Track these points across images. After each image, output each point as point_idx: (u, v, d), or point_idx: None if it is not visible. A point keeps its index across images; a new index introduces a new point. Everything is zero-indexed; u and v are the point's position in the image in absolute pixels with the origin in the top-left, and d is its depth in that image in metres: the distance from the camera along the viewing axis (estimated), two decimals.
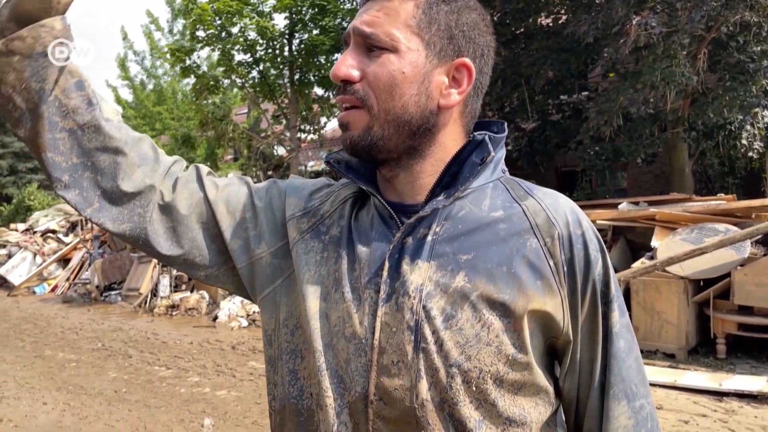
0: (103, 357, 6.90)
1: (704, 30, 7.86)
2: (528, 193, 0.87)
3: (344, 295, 0.84)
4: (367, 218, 0.88)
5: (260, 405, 4.94)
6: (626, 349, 0.85)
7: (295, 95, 10.92)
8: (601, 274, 0.84)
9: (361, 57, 0.83)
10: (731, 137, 9.43)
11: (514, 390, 0.81)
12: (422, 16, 0.82)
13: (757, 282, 5.19)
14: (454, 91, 0.85)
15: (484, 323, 0.79)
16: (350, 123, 0.84)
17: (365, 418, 0.80)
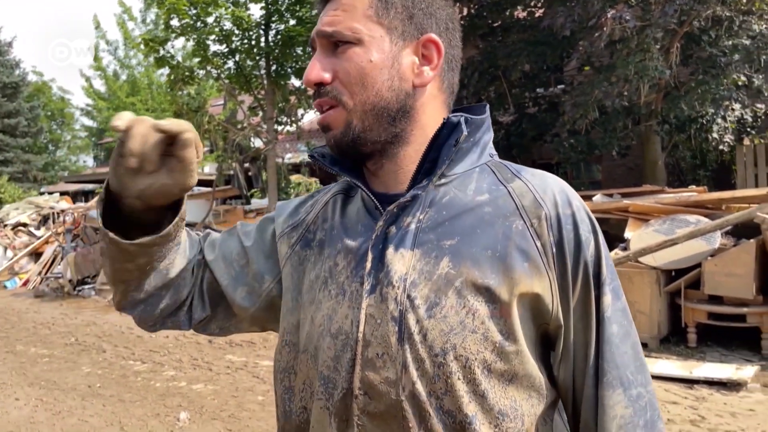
0: (76, 352, 6.80)
1: (677, 24, 7.97)
2: (515, 175, 0.85)
3: (330, 292, 0.83)
4: (354, 212, 0.88)
5: (237, 398, 4.92)
6: (621, 334, 0.82)
7: (271, 87, 10.82)
8: (593, 255, 0.81)
9: (329, 58, 0.84)
10: (703, 130, 9.59)
11: (505, 381, 0.78)
12: (377, 3, 0.83)
13: (727, 272, 5.30)
14: (427, 68, 0.85)
15: (468, 309, 0.77)
16: (330, 123, 0.84)
17: (350, 414, 0.79)
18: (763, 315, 5.25)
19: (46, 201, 17.05)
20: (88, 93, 25.65)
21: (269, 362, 6.04)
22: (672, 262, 5.63)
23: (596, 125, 9.27)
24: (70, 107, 31.78)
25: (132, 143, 0.73)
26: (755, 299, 5.23)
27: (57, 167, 32.23)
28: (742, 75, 8.76)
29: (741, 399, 4.38)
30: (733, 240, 5.79)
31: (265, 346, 6.72)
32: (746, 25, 8.54)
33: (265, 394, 5.01)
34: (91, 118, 29.87)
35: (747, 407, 4.21)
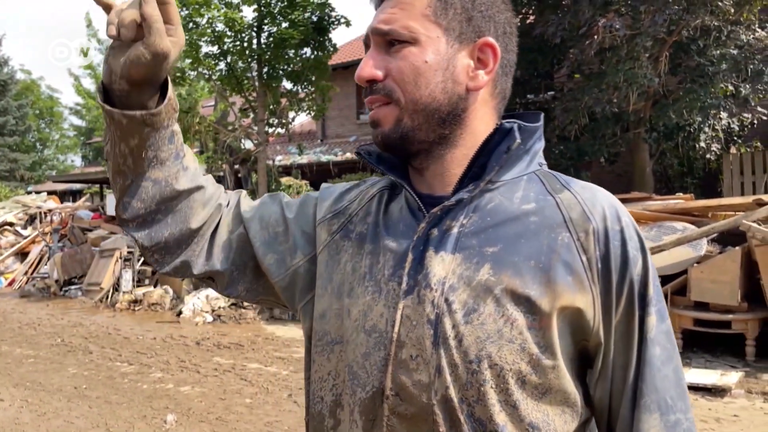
0: (62, 353, 6.74)
1: (666, 33, 8.06)
2: (564, 186, 0.83)
3: (367, 288, 0.83)
4: (397, 210, 0.87)
5: (224, 401, 4.91)
6: (663, 357, 0.78)
7: (263, 89, 10.81)
8: (640, 274, 0.78)
9: (382, 56, 0.83)
10: (690, 138, 9.69)
11: (539, 394, 0.76)
12: (436, 3, 0.82)
13: (713, 279, 5.36)
14: (481, 72, 0.84)
15: (507, 318, 0.75)
16: (380, 119, 0.83)
17: (380, 414, 0.78)
18: (747, 322, 5.31)
19: (33, 200, 16.90)
20: (78, 91, 25.46)
21: (257, 365, 6.02)
22: (659, 268, 5.68)
23: (586, 132, 9.34)
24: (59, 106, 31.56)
25: (109, 14, 0.78)
26: (740, 306, 5.29)
27: (44, 166, 31.97)
28: (730, 84, 8.86)
29: (725, 405, 4.42)
30: (719, 247, 5.86)
31: (253, 349, 6.71)
32: (734, 35, 8.65)
33: (252, 396, 5.00)
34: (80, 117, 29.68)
35: (731, 413, 4.26)
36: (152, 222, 0.92)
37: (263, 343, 7.00)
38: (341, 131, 18.66)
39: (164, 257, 0.94)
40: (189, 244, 0.94)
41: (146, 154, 0.87)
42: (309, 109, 11.43)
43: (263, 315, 8.57)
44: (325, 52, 10.77)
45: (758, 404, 4.41)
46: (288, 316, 8.47)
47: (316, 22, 10.39)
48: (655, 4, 7.55)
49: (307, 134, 19.88)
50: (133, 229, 0.92)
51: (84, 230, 12.84)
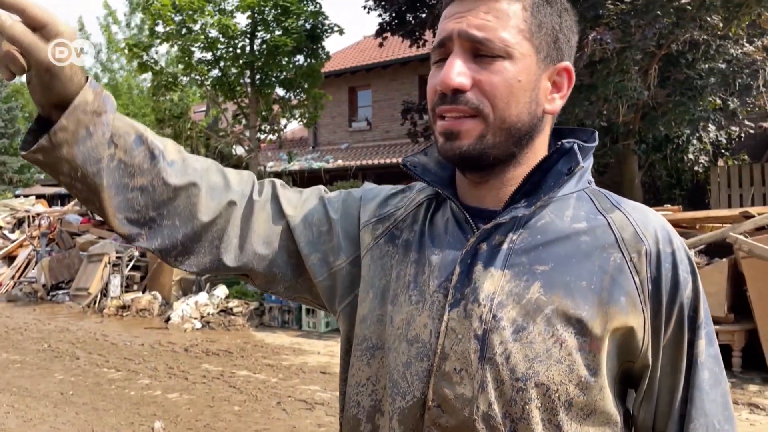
0: (49, 358, 6.68)
1: (656, 47, 8.16)
2: (615, 206, 0.82)
3: (411, 297, 0.81)
4: (443, 222, 0.86)
5: (213, 408, 4.88)
6: (712, 381, 0.78)
7: (255, 95, 10.82)
8: (690, 297, 0.78)
9: (468, 63, 0.78)
10: (679, 150, 9.80)
11: (583, 416, 0.76)
12: (531, 19, 0.79)
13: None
14: (557, 96, 0.83)
15: (557, 339, 0.74)
16: (462, 132, 0.78)
17: (421, 425, 0.78)
18: (734, 333, 5.36)
19: (21, 204, 16.77)
20: None
21: (246, 372, 6.00)
22: None
23: None
24: None
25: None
26: (727, 317, 5.34)
27: (33, 170, 31.72)
28: (718, 98, 8.97)
29: None
30: (707, 259, 5.92)
31: (242, 356, 6.68)
32: (722, 49, 8.76)
33: (241, 404, 4.98)
34: None
35: None
36: (160, 228, 0.85)
37: (252, 350, 6.98)
38: (333, 138, 18.68)
39: (188, 258, 0.88)
40: (209, 240, 0.88)
41: (86, 170, 0.78)
42: (301, 116, 11.44)
43: (252, 322, 8.54)
44: (318, 60, 10.81)
45: (744, 415, 4.45)
46: (277, 323, 8.45)
47: (310, 29, 10.43)
48: (645, 18, 7.64)
49: (299, 141, 19.88)
50: (146, 242, 0.86)
51: (72, 235, 12.74)
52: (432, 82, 0.81)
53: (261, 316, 8.72)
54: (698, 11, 7.91)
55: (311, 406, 4.89)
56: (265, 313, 8.69)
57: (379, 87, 17.73)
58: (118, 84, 24.47)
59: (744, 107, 9.20)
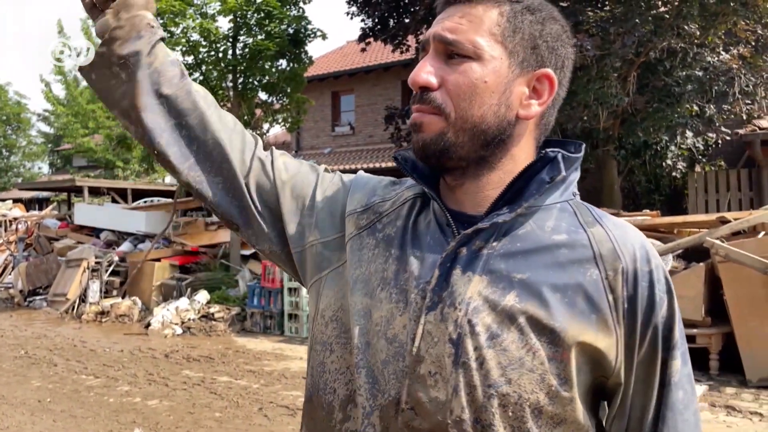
0: (26, 365, 6.57)
1: (634, 54, 8.29)
2: (597, 221, 0.82)
3: (391, 296, 0.82)
4: (425, 222, 0.86)
5: (193, 415, 4.84)
6: (685, 401, 0.79)
7: (237, 100, 10.77)
8: (665, 317, 0.79)
9: (440, 64, 0.81)
10: (657, 156, 9.95)
11: (552, 424, 0.76)
12: (506, 24, 0.81)
13: (678, 294, 5.36)
14: (535, 102, 0.83)
15: (529, 348, 0.75)
16: (423, 124, 0.81)
17: (395, 424, 0.78)
18: (711, 336, 5.44)
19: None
20: (48, 98, 25.01)
21: (227, 378, 5.96)
22: None
23: None
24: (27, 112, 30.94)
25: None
26: (704, 321, 5.42)
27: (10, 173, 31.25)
28: (695, 105, 9.13)
29: None
30: (684, 263, 6.01)
31: (223, 362, 6.63)
32: (699, 57, 8.93)
33: (222, 410, 4.94)
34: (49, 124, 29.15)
35: None
36: (178, 138, 0.94)
37: (234, 356, 6.93)
38: (316, 143, 18.66)
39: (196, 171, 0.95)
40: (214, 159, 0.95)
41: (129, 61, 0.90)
42: (284, 121, 11.41)
43: (234, 327, 8.48)
44: (301, 65, 10.79)
45: (721, 417, 4.52)
46: (259, 329, 8.40)
47: (293, 34, 10.41)
48: (624, 26, 7.77)
49: (281, 145, 19.83)
50: (165, 147, 0.93)
51: (50, 239, 12.56)
52: None
53: (243, 322, 8.66)
54: (676, 20, 8.06)
55: (293, 412, 4.87)
56: (246, 318, 8.63)
57: (362, 92, 17.76)
58: None
59: (720, 114, 9.37)
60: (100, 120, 22.77)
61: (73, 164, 28.31)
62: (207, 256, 10.78)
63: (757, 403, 4.78)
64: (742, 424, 4.39)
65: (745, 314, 5.20)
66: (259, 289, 8.50)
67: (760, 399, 4.88)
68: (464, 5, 0.81)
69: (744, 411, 4.60)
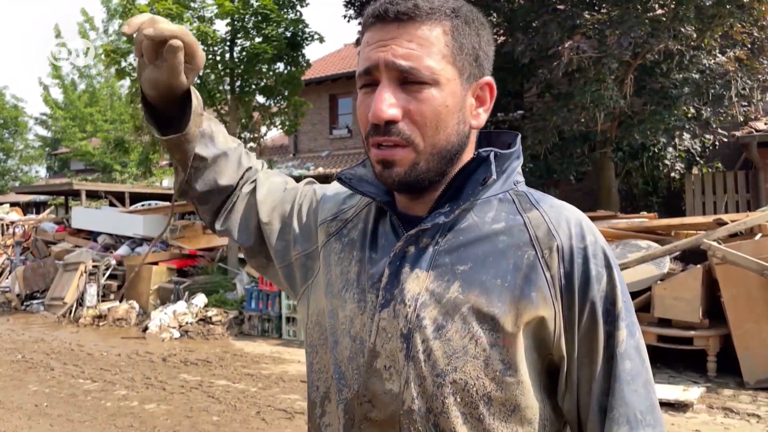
0: (23, 369, 6.55)
1: (631, 56, 8.30)
2: (533, 205, 0.85)
3: (354, 296, 0.87)
4: (382, 226, 0.91)
5: (191, 418, 4.83)
6: (633, 371, 0.80)
7: (235, 102, 10.76)
8: (605, 290, 0.80)
9: (397, 93, 0.80)
10: (655, 158, 9.95)
11: (506, 412, 0.79)
12: (453, 42, 0.81)
13: (676, 296, 5.49)
14: (482, 110, 0.86)
15: (472, 336, 0.78)
16: (396, 161, 0.81)
17: (356, 415, 0.84)
18: (708, 338, 5.44)
19: None
20: (46, 101, 24.98)
21: (225, 381, 5.94)
22: None
23: (554, 151, 9.53)
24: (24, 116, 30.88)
25: (135, 42, 0.87)
26: (702, 323, 5.43)
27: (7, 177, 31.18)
28: (692, 107, 9.15)
29: (687, 419, 4.52)
30: (682, 265, 6.01)
31: (221, 366, 6.62)
32: (696, 60, 8.94)
33: (220, 414, 4.93)
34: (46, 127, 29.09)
35: (693, 428, 4.35)
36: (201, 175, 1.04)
37: (231, 360, 6.91)
38: (314, 146, 18.66)
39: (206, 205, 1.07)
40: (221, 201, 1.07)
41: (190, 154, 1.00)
42: (282, 124, 11.41)
43: (232, 330, 8.47)
44: (299, 68, 10.79)
45: (719, 419, 4.52)
46: (257, 332, 8.39)
47: (290, 37, 10.42)
48: (621, 28, 7.78)
49: (279, 148, 19.82)
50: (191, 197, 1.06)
51: (48, 243, 12.53)
52: (363, 110, 0.84)
53: (240, 325, 8.64)
54: (672, 22, 8.07)
55: (291, 416, 4.86)
56: (244, 321, 8.61)
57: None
58: (96, 90, 24.19)
59: (717, 116, 9.38)
60: (98, 123, 22.76)
61: (70, 168, 28.27)
62: (205, 259, 10.77)
63: (755, 405, 4.78)
64: (740, 425, 4.39)
65: (742, 316, 5.20)
66: (257, 292, 8.49)
67: (757, 401, 4.88)
68: (403, 24, 0.79)
69: (742, 413, 4.60)
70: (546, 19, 8.18)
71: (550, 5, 8.63)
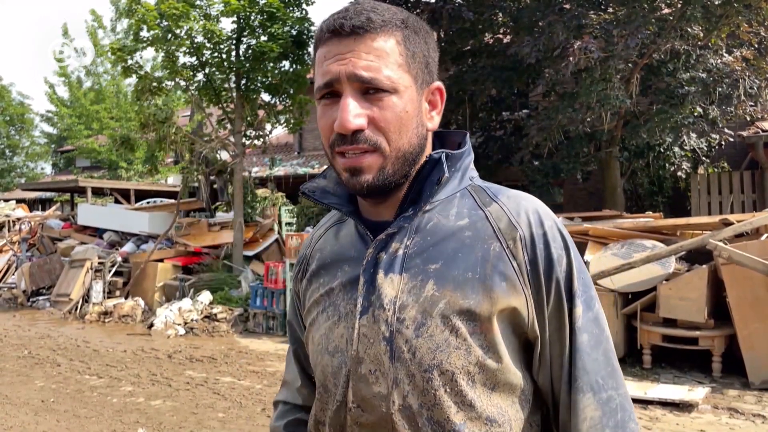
0: (29, 365, 6.59)
1: (638, 56, 8.28)
2: (492, 199, 0.90)
3: (327, 314, 0.91)
4: (348, 238, 0.95)
5: (197, 415, 4.85)
6: (591, 342, 0.87)
7: (240, 101, 10.78)
8: (565, 271, 0.87)
9: (361, 102, 0.84)
10: (660, 158, 9.93)
11: (489, 388, 0.84)
12: (406, 51, 0.86)
13: (681, 296, 5.49)
14: (434, 113, 0.91)
15: (452, 328, 0.83)
16: (365, 168, 0.85)
17: (344, 424, 0.87)
18: (714, 338, 5.44)
19: (1, 208, 16.53)
20: (52, 99, 25.05)
21: (230, 378, 5.97)
22: (629, 285, 5.80)
23: (560, 150, 9.51)
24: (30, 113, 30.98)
25: None
26: (707, 323, 5.42)
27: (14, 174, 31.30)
28: (698, 106, 9.11)
29: (692, 420, 4.52)
30: (687, 265, 6.00)
31: (227, 362, 6.64)
32: (703, 59, 8.91)
33: (225, 411, 4.95)
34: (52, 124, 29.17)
35: (698, 428, 4.35)
36: None
37: (237, 357, 6.94)
38: (318, 144, 18.66)
39: None
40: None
41: None
42: (287, 122, 11.43)
43: (237, 328, 8.49)
44: (304, 66, 10.80)
45: (724, 419, 4.52)
46: (262, 329, 8.41)
47: (296, 35, 10.42)
48: (628, 28, 7.75)
49: (284, 146, 19.84)
50: None
51: (54, 240, 12.59)
52: (325, 121, 0.88)
53: (245, 322, 8.67)
54: (679, 22, 8.05)
55: None
56: (249, 319, 8.64)
57: None
58: (102, 88, 24.25)
59: (724, 116, 9.35)
60: (104, 121, 22.82)
61: (76, 165, 28.34)
62: (210, 256, 10.80)
63: (760, 405, 4.77)
64: (745, 426, 4.38)
65: (747, 316, 5.19)
66: (262, 289, 8.51)
67: (762, 401, 4.87)
68: (362, 37, 0.84)
69: (747, 413, 4.60)
70: (552, 19, 8.16)
71: (556, 5, 8.61)
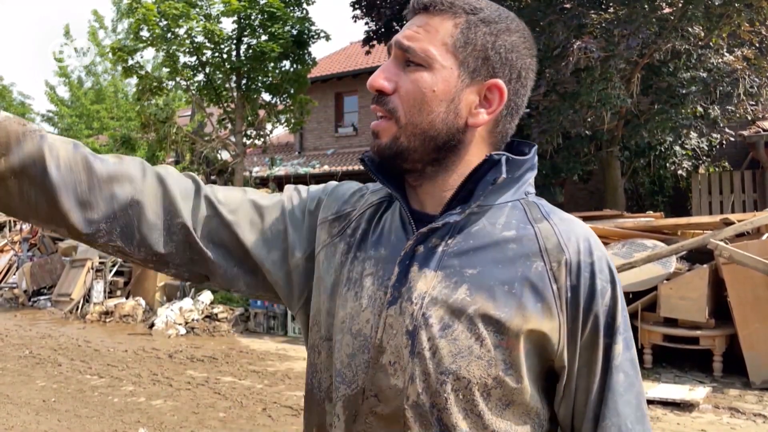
0: (30, 365, 6.60)
1: (638, 56, 8.28)
2: (544, 217, 0.87)
3: (356, 294, 0.88)
4: (390, 223, 0.92)
5: (198, 415, 4.85)
6: (626, 383, 0.84)
7: (241, 100, 10.79)
8: (608, 305, 0.84)
9: (397, 70, 0.86)
10: (661, 158, 9.93)
11: (502, 405, 0.82)
12: (459, 35, 0.85)
13: (681, 296, 5.49)
14: (483, 110, 0.87)
15: (477, 337, 0.81)
16: (380, 132, 0.88)
17: (361, 411, 0.85)
18: (715, 338, 5.44)
19: None
20: (52, 99, 25.08)
21: (231, 378, 5.97)
22: (630, 284, 5.80)
23: (561, 150, 9.52)
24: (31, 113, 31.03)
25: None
26: (708, 323, 5.42)
27: None
28: (699, 106, 9.11)
29: (693, 419, 4.52)
30: (688, 265, 6.00)
31: (227, 362, 6.65)
32: (704, 59, 8.91)
33: (226, 410, 4.96)
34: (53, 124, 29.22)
35: (699, 427, 4.35)
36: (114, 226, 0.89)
37: (237, 357, 6.95)
38: (319, 144, 18.67)
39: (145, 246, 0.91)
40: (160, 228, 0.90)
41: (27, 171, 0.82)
42: (287, 121, 11.44)
43: (237, 327, 8.50)
44: (305, 66, 10.82)
45: (725, 419, 4.52)
46: (262, 329, 8.42)
47: (296, 35, 10.44)
48: (629, 27, 7.76)
49: (284, 146, 19.84)
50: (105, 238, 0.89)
51: (54, 239, 12.60)
52: None
53: (246, 322, 8.68)
54: (680, 21, 8.05)
55: (297, 413, 4.88)
56: (250, 318, 8.65)
57: (365, 93, 17.75)
58: (102, 88, 24.27)
59: (725, 115, 9.35)
60: (105, 121, 22.84)
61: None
62: None
63: (761, 405, 4.77)
64: (746, 426, 4.38)
65: (748, 316, 5.19)
66: None
67: (763, 401, 4.87)
68: (425, 15, 0.86)
69: (747, 413, 4.60)
70: (552, 18, 8.16)
71: (557, 5, 8.61)
